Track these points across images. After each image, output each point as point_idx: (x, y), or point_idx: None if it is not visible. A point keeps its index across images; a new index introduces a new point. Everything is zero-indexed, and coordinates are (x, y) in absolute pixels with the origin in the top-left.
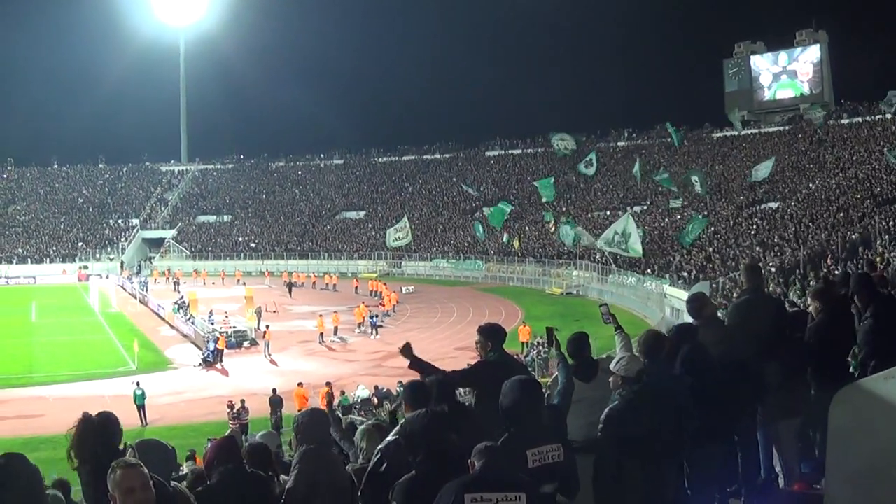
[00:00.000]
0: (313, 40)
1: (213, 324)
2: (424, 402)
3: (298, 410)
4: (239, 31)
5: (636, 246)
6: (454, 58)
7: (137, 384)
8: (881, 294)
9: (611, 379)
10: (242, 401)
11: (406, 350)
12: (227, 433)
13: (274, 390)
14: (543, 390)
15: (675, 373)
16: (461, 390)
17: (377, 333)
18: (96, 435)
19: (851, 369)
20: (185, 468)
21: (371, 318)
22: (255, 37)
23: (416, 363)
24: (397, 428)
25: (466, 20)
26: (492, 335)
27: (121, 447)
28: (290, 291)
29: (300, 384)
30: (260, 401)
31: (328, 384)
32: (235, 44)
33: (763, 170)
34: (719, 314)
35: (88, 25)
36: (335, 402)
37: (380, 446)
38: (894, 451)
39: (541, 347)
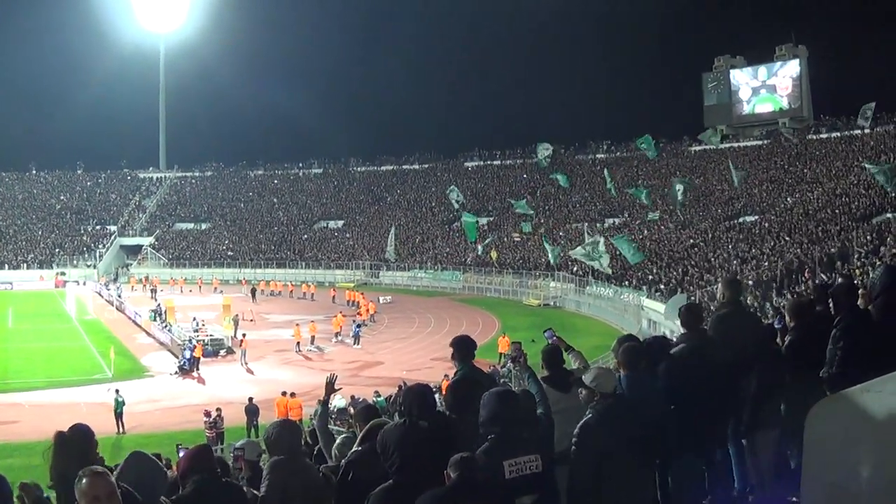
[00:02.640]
0: (293, 49)
1: (196, 331)
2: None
3: (281, 418)
4: (219, 38)
5: (605, 263)
6: (433, 68)
7: (118, 392)
8: (857, 307)
9: (582, 392)
10: (218, 409)
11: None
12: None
13: (250, 399)
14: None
15: (654, 385)
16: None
17: (359, 343)
18: (70, 450)
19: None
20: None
21: (356, 326)
22: (236, 45)
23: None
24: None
25: (446, 31)
26: (459, 347)
27: (99, 456)
28: (253, 296)
29: (284, 393)
30: (236, 409)
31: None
32: (215, 52)
33: (736, 178)
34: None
35: (68, 31)
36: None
37: (346, 458)
38: (870, 464)
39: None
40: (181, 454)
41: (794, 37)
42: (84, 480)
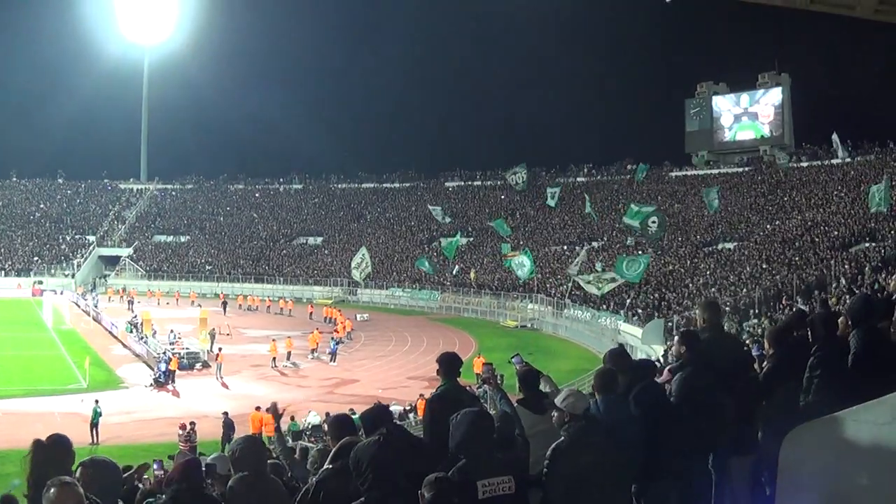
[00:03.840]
0: (277, 65)
1: (172, 343)
2: (351, 434)
3: (247, 434)
4: (203, 53)
5: (606, 290)
6: (416, 87)
7: (97, 402)
8: (835, 336)
9: (554, 414)
10: (192, 423)
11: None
12: (179, 454)
13: (225, 413)
14: (496, 423)
15: (629, 409)
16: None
17: (335, 360)
18: (49, 460)
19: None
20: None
21: (334, 343)
22: (220, 59)
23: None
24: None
25: (429, 52)
26: (443, 364)
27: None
28: (224, 309)
29: (258, 408)
30: (211, 423)
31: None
32: (200, 65)
33: (713, 201)
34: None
35: (53, 40)
36: (284, 428)
37: (316, 476)
38: (843, 492)
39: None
40: (157, 466)
41: (776, 65)
42: (52, 490)
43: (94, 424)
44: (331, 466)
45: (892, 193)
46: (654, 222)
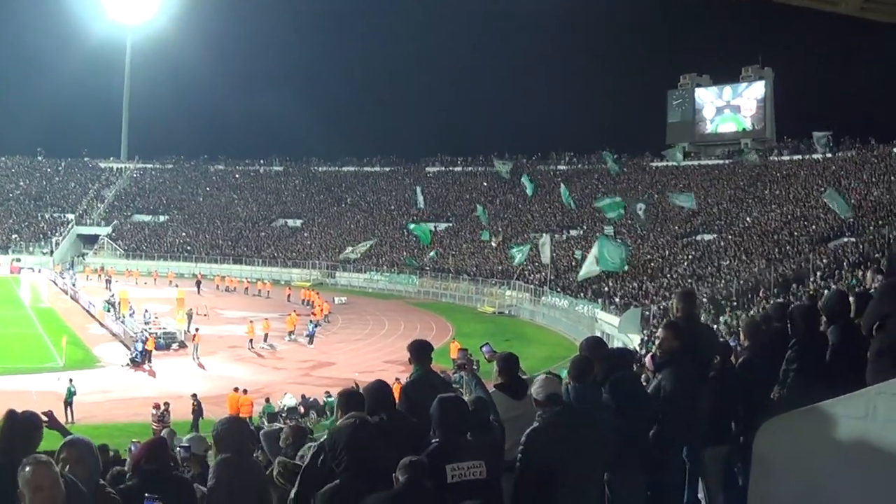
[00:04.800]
0: (260, 46)
1: (146, 323)
2: (358, 409)
3: (230, 415)
4: (186, 33)
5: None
6: (399, 72)
7: (71, 381)
8: (814, 329)
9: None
10: (167, 403)
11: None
12: (159, 434)
13: (194, 395)
14: (469, 407)
15: (601, 398)
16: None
17: (312, 343)
18: (18, 433)
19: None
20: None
21: (313, 326)
22: (203, 40)
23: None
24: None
25: (411, 38)
26: (415, 351)
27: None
28: (198, 289)
29: (236, 389)
30: (186, 403)
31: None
32: (182, 45)
33: (685, 200)
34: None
35: (35, 18)
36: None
37: (315, 444)
38: (816, 484)
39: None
40: (134, 447)
41: (760, 59)
42: (27, 469)
43: (67, 403)
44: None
45: (845, 198)
46: (641, 209)
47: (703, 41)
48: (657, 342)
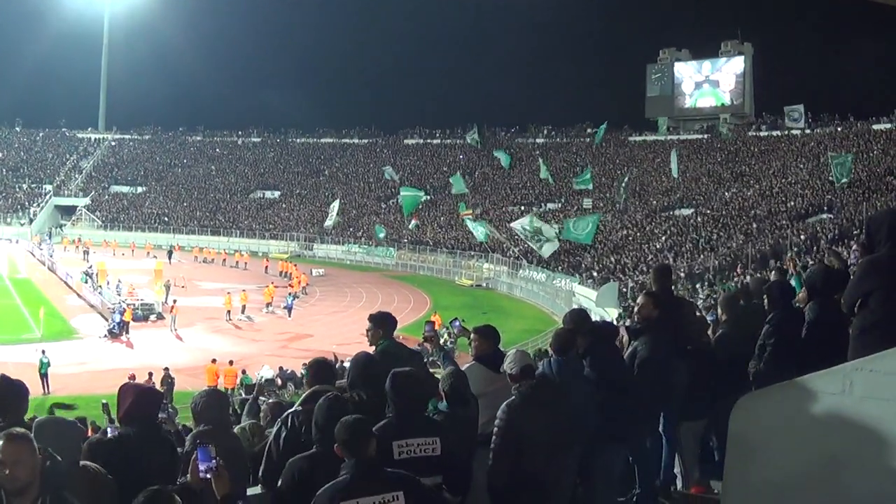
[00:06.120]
0: (238, 17)
1: (119, 294)
2: (329, 382)
3: (209, 387)
4: (165, 3)
5: (547, 250)
6: (376, 43)
7: (43, 352)
8: (791, 305)
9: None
10: (150, 374)
11: None
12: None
13: (166, 369)
14: (427, 381)
15: (582, 370)
16: None
17: (290, 315)
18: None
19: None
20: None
21: (291, 298)
22: (181, 11)
23: None
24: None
25: (391, 8)
26: (382, 323)
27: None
28: (169, 257)
29: (214, 360)
30: (160, 376)
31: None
32: (160, 15)
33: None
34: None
35: None
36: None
37: (281, 416)
38: (791, 460)
39: (447, 338)
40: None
41: (740, 34)
42: (1, 443)
43: (43, 375)
44: (295, 410)
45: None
46: (625, 184)
47: (682, 16)
48: (636, 308)
